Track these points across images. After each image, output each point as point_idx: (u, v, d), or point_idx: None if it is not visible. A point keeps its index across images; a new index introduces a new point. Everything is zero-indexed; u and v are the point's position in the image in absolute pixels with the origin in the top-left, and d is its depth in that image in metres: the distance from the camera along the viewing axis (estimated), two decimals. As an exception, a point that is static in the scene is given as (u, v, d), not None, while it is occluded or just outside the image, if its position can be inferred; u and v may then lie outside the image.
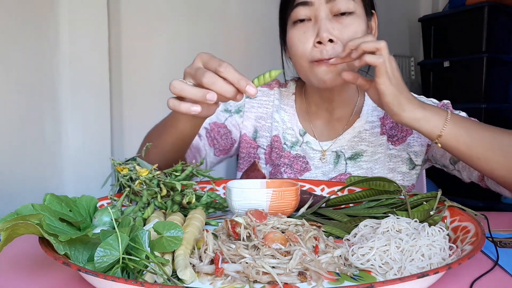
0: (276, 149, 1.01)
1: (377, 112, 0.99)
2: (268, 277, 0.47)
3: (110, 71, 1.86)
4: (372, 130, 0.98)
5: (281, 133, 1.01)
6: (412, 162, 0.97)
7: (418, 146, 0.96)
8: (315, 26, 0.84)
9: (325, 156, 0.98)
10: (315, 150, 0.99)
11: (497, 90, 2.66)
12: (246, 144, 1.04)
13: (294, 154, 0.99)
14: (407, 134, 0.96)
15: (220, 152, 1.04)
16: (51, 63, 1.74)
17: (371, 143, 0.97)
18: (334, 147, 0.98)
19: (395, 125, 0.97)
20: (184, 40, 2.12)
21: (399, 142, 0.97)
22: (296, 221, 0.60)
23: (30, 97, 1.69)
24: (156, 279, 0.47)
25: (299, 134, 1.01)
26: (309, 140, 1.00)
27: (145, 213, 0.65)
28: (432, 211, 0.64)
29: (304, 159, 0.99)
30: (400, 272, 0.49)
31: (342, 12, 0.84)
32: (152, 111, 2.10)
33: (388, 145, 0.97)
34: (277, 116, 1.02)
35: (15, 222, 0.49)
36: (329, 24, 0.83)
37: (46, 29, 1.72)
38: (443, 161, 0.95)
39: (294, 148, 1.00)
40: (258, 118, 1.04)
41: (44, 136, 1.74)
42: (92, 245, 0.52)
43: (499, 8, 2.56)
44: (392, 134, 0.97)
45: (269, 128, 1.03)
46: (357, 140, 0.97)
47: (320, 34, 0.82)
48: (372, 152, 0.97)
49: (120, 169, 0.71)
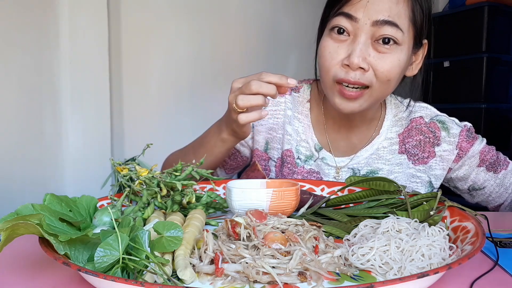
0: (289, 165, 0.94)
1: (396, 128, 0.94)
2: (268, 277, 0.47)
3: (110, 71, 1.86)
4: (390, 147, 0.93)
5: (294, 147, 0.95)
6: (431, 185, 0.93)
7: (440, 170, 0.93)
8: (351, 44, 0.77)
9: (339, 174, 0.93)
10: (330, 166, 0.93)
11: (497, 90, 2.66)
12: (258, 158, 0.99)
13: (307, 169, 0.93)
14: (430, 156, 0.92)
15: (231, 170, 1.05)
16: (51, 63, 1.74)
17: (388, 161, 0.93)
18: (351, 164, 0.93)
19: (417, 144, 0.92)
20: (184, 40, 2.12)
21: (420, 162, 0.92)
22: (296, 221, 0.60)
23: (30, 97, 1.69)
24: (156, 279, 0.47)
25: (314, 148, 0.94)
26: (325, 156, 0.94)
27: (145, 213, 0.65)
28: (432, 211, 0.64)
29: (318, 175, 0.94)
30: (400, 272, 0.49)
31: (386, 40, 0.76)
32: (152, 111, 2.11)
33: (408, 163, 0.93)
34: (290, 128, 0.95)
35: (15, 222, 0.48)
36: (365, 50, 0.75)
37: (46, 29, 1.72)
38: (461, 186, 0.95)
39: (308, 162, 0.94)
40: (269, 130, 0.97)
41: (44, 136, 1.74)
42: (92, 245, 0.52)
43: (499, 8, 2.56)
44: (414, 153, 0.92)
45: (280, 140, 0.96)
46: (374, 157, 0.93)
47: (351, 59, 0.75)
48: (388, 170, 0.92)
49: (120, 169, 0.71)
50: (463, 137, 0.92)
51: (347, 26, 0.76)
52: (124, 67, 1.97)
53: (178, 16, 2.10)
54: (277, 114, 0.96)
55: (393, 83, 0.81)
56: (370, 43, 0.76)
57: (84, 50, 1.79)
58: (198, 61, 2.17)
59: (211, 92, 2.18)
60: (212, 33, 2.20)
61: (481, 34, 2.56)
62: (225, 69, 2.23)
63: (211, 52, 2.20)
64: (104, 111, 1.86)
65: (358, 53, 0.75)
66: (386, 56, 0.76)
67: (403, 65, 0.78)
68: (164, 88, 2.09)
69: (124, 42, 1.96)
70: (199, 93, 2.17)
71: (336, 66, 0.78)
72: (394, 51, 0.76)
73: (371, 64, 0.76)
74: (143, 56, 2.02)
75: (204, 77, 2.20)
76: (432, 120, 0.94)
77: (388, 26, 0.74)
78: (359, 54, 0.75)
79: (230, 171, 1.06)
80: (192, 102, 2.17)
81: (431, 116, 0.94)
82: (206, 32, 2.18)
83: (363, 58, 0.75)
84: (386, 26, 0.74)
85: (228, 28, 2.24)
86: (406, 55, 0.79)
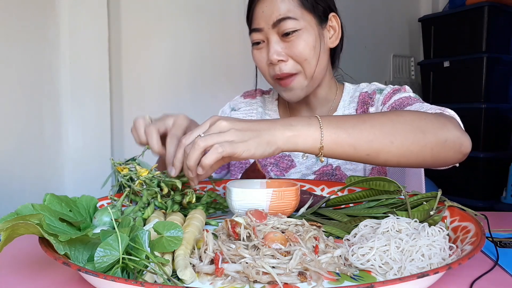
0: None
1: (354, 104, 1.02)
2: (268, 277, 0.47)
3: (110, 71, 1.86)
4: None
5: None
6: None
7: None
8: (267, 47, 0.92)
9: (306, 154, 0.99)
10: None
11: (497, 90, 2.66)
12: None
13: (280, 154, 1.03)
14: None
15: (220, 169, 1.11)
16: (51, 63, 1.74)
17: None
18: None
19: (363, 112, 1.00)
20: (184, 40, 2.12)
21: None
22: (296, 221, 0.60)
23: (30, 97, 1.69)
24: (156, 279, 0.47)
25: None
26: None
27: (145, 213, 0.65)
28: (432, 211, 0.64)
29: (290, 157, 1.04)
30: (400, 272, 0.49)
31: (287, 33, 0.89)
32: (152, 111, 2.10)
33: None
34: None
35: (15, 222, 0.49)
36: (277, 46, 0.90)
37: (46, 29, 1.72)
38: None
39: None
40: None
41: (44, 136, 1.74)
42: (92, 245, 0.52)
43: (499, 8, 2.56)
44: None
45: None
46: None
47: (270, 57, 0.91)
48: None
49: (120, 169, 0.71)
50: (389, 93, 0.96)
51: (259, 38, 0.93)
52: (124, 67, 1.96)
53: (178, 16, 2.10)
54: (250, 112, 1.11)
55: (314, 59, 0.92)
56: (280, 39, 0.91)
57: (84, 50, 1.79)
58: (198, 61, 2.17)
59: (211, 92, 2.18)
60: (212, 33, 2.19)
61: (481, 34, 2.56)
62: (225, 69, 2.23)
63: (211, 52, 2.20)
64: (104, 111, 1.86)
65: (272, 51, 0.90)
66: (294, 43, 0.90)
67: (312, 42, 0.91)
68: (164, 88, 2.09)
69: (124, 42, 1.95)
70: (199, 93, 2.17)
71: (266, 67, 0.94)
72: (298, 37, 0.90)
73: (287, 53, 0.90)
74: (143, 56, 2.02)
75: (204, 77, 2.20)
76: (373, 90, 1.02)
77: (283, 22, 0.89)
78: (272, 52, 0.90)
79: (219, 171, 1.12)
80: (192, 102, 2.17)
81: (374, 88, 1.02)
82: (206, 32, 2.18)
83: (277, 53, 0.90)
84: (282, 22, 0.89)
85: (228, 28, 2.23)
86: (312, 34, 0.91)
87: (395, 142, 0.66)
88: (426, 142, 0.67)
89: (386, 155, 0.67)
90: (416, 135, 0.67)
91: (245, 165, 1.08)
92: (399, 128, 0.66)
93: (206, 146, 0.59)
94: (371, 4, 2.93)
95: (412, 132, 0.67)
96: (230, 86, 2.21)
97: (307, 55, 0.90)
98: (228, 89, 2.19)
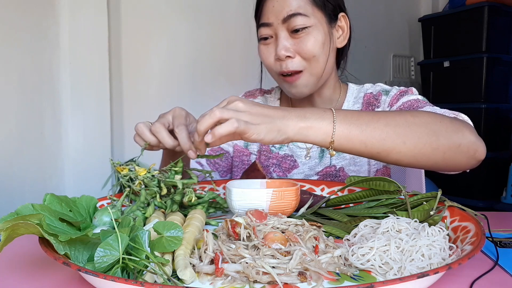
0: (264, 152, 1.05)
1: (358, 105, 1.02)
2: (268, 277, 0.47)
3: (110, 71, 1.86)
4: None
5: None
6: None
7: None
8: (275, 43, 0.91)
9: (309, 154, 1.01)
10: (301, 148, 1.02)
11: (497, 90, 2.66)
12: (238, 153, 1.08)
13: (282, 154, 1.03)
14: None
15: (224, 173, 1.10)
16: (51, 63, 1.74)
17: None
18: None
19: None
20: (184, 40, 2.12)
21: None
22: (296, 221, 0.60)
23: (30, 97, 1.69)
24: (156, 279, 0.47)
25: None
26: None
27: (146, 212, 0.65)
28: (432, 211, 0.64)
29: (292, 158, 1.03)
30: (400, 272, 0.49)
31: (297, 29, 0.88)
32: (152, 111, 2.10)
33: None
34: None
35: (15, 222, 0.49)
36: (286, 42, 0.89)
37: (46, 29, 1.72)
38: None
39: (282, 148, 1.04)
40: None
41: (44, 136, 1.74)
42: (92, 245, 0.52)
43: (499, 8, 2.56)
44: None
45: None
46: None
47: (278, 53, 0.90)
48: None
49: (120, 170, 0.71)
50: (396, 95, 0.96)
51: (268, 33, 0.92)
52: (124, 67, 1.96)
53: (178, 16, 2.10)
54: None
55: (322, 57, 0.91)
56: (289, 35, 0.90)
57: (84, 50, 1.78)
58: (198, 61, 2.17)
59: (211, 92, 2.17)
60: (212, 33, 2.19)
61: (481, 34, 2.56)
62: (225, 69, 2.23)
63: (211, 52, 2.20)
64: (104, 111, 1.86)
65: (280, 47, 0.89)
66: (303, 40, 0.89)
67: (321, 40, 0.90)
68: (164, 88, 2.09)
69: (124, 42, 1.95)
70: (199, 93, 2.17)
71: (272, 63, 0.93)
72: (308, 34, 0.89)
73: (295, 50, 0.90)
74: (143, 56, 2.02)
75: (204, 77, 2.20)
76: (378, 91, 1.01)
77: (294, 18, 0.88)
78: (281, 47, 0.89)
79: (223, 174, 1.10)
80: (192, 102, 2.17)
81: (379, 90, 1.01)
82: (206, 32, 2.18)
83: (285, 49, 0.89)
84: (292, 18, 0.88)
85: (228, 28, 2.23)
86: (322, 32, 0.90)
87: (407, 143, 0.66)
88: (439, 145, 0.67)
89: (397, 155, 0.67)
90: (430, 137, 0.67)
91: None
92: (414, 129, 0.67)
93: (221, 117, 0.61)
94: (371, 4, 2.93)
95: (426, 135, 0.67)
96: (230, 86, 2.21)
97: (316, 53, 0.90)
98: (228, 89, 2.19)
